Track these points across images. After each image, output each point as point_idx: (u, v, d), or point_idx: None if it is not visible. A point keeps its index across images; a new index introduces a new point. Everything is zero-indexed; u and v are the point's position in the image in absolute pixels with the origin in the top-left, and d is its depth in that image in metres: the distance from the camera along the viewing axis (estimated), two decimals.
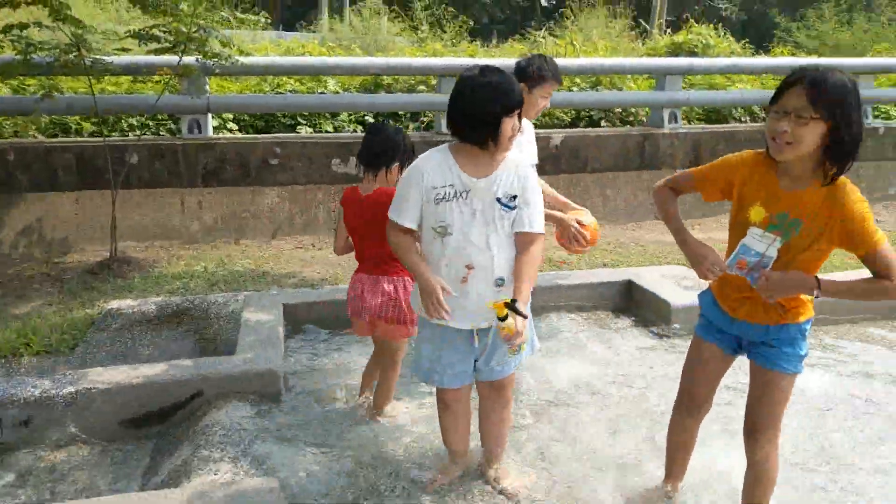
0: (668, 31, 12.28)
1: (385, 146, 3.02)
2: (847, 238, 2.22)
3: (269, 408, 3.29)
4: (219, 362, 3.41)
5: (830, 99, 2.09)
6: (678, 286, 4.61)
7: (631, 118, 8.17)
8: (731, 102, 8.02)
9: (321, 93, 7.34)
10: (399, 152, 3.03)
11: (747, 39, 11.94)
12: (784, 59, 9.49)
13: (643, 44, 11.88)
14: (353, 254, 3.31)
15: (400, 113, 7.47)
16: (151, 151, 6.28)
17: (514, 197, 2.46)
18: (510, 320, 2.33)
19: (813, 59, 9.35)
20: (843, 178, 2.22)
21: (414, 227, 2.51)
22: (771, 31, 17.70)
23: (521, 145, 3.41)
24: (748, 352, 2.48)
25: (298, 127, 7.13)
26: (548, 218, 3.08)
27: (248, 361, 3.41)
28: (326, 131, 7.15)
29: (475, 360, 2.67)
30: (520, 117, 2.44)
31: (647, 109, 7.94)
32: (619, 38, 12.78)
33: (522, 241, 2.49)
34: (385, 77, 7.63)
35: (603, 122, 8.00)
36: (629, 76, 8.36)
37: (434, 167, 2.46)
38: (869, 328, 4.47)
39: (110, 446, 3.15)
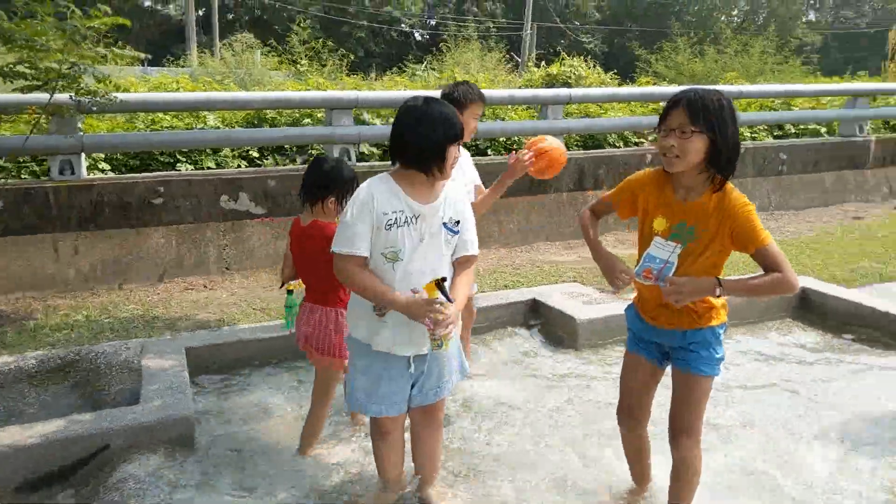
0: (542, 63, 12.89)
1: (321, 179, 3.01)
2: (737, 238, 2.41)
3: (184, 455, 3.11)
4: (125, 413, 3.18)
5: (707, 114, 2.33)
6: (579, 302, 4.79)
7: (515, 147, 8.47)
8: (609, 129, 8.52)
9: (201, 128, 7.09)
10: (336, 185, 3.00)
11: (615, 70, 12.77)
12: (656, 88, 10.20)
13: (520, 76, 12.40)
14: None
15: (287, 147, 7.35)
16: (17, 196, 5.81)
17: (458, 222, 2.54)
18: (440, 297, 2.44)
19: (676, 87, 10.11)
20: (729, 185, 2.46)
21: (368, 255, 2.46)
22: (632, 62, 19.03)
23: (463, 167, 3.59)
24: (671, 358, 2.63)
25: (178, 164, 6.84)
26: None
27: (157, 409, 3.20)
28: (208, 167, 6.91)
29: (410, 387, 2.66)
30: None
31: (530, 138, 8.26)
32: (495, 71, 13.32)
33: (463, 263, 2.61)
34: (269, 111, 7.51)
35: (489, 151, 8.24)
36: (509, 106, 8.71)
37: (383, 193, 2.45)
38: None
39: None
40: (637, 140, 8.96)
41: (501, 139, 8.32)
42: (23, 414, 3.63)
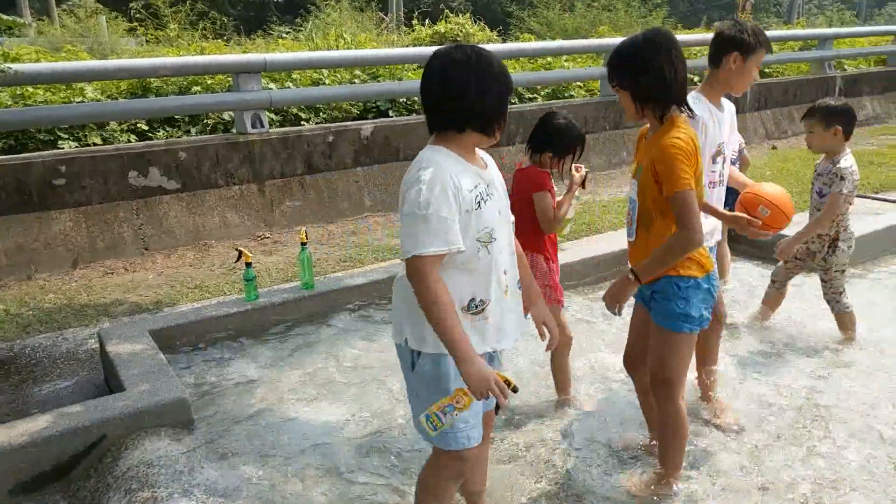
0: (427, 21, 12.87)
1: (544, 132, 3.12)
2: (659, 178, 2.35)
3: (187, 435, 3.01)
4: (115, 401, 3.02)
5: (618, 68, 2.45)
6: None
7: (417, 106, 8.49)
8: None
9: (79, 101, 6.53)
10: (557, 142, 3.08)
11: (500, 28, 12.98)
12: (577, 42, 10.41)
13: (407, 35, 12.32)
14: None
15: (177, 117, 6.97)
16: None
17: (503, 186, 2.26)
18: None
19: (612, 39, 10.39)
20: (679, 120, 2.40)
21: (464, 247, 2.02)
22: (496, 19, 19.34)
23: (726, 124, 3.06)
24: None
25: (60, 142, 6.33)
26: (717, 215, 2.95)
27: (148, 394, 3.07)
28: (94, 143, 6.44)
29: None
30: None
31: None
32: (377, 31, 13.15)
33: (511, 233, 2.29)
34: (153, 80, 7.08)
35: (391, 112, 8.22)
36: (404, 66, 8.69)
37: (455, 168, 2.04)
38: None
39: None
40: (530, 96, 9.24)
41: (402, 99, 8.31)
42: None
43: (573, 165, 3.19)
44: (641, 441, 2.99)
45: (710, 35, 11.00)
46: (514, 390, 1.98)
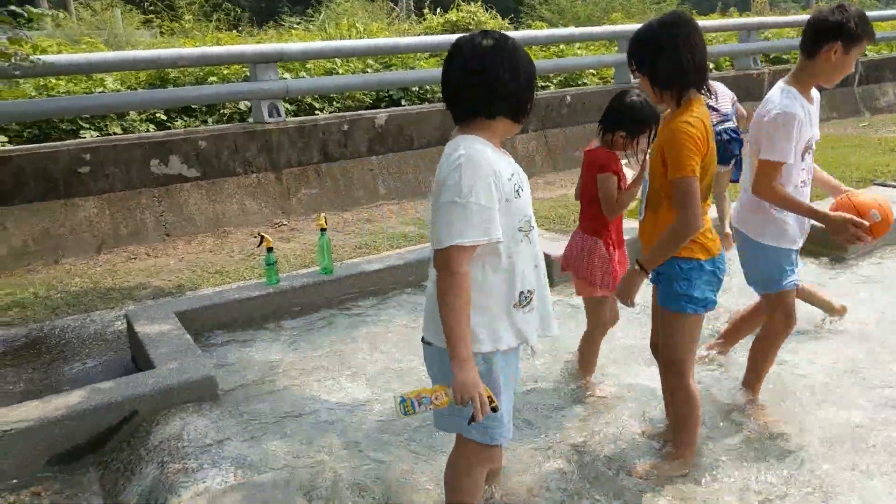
0: (438, 10, 12.93)
1: (616, 111, 3.06)
2: (666, 162, 2.39)
3: (215, 412, 3.14)
4: (146, 378, 3.16)
5: (636, 54, 2.50)
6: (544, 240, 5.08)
7: (429, 95, 8.57)
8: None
9: (100, 92, 6.67)
10: (629, 121, 3.00)
11: (512, 16, 13.01)
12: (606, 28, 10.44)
13: (419, 24, 12.37)
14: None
15: (195, 107, 7.10)
16: None
17: None
18: None
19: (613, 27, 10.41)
20: (694, 101, 2.41)
21: (503, 237, 2.00)
22: (506, 8, 19.30)
23: (815, 118, 2.91)
24: None
25: (82, 132, 6.48)
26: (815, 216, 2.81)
27: (178, 372, 3.20)
28: (115, 133, 6.58)
29: None
30: None
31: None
32: (388, 20, 13.21)
33: None
34: (171, 71, 7.21)
35: (403, 101, 8.31)
36: (416, 55, 8.76)
37: (494, 157, 2.01)
38: None
39: (44, 488, 2.80)
40: (543, 84, 9.28)
41: (414, 88, 8.38)
42: (11, 392, 3.51)
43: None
44: (661, 426, 3.04)
45: (725, 21, 10.94)
46: (494, 409, 2.00)
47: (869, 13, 8.44)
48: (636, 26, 2.74)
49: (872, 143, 8.70)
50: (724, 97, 5.01)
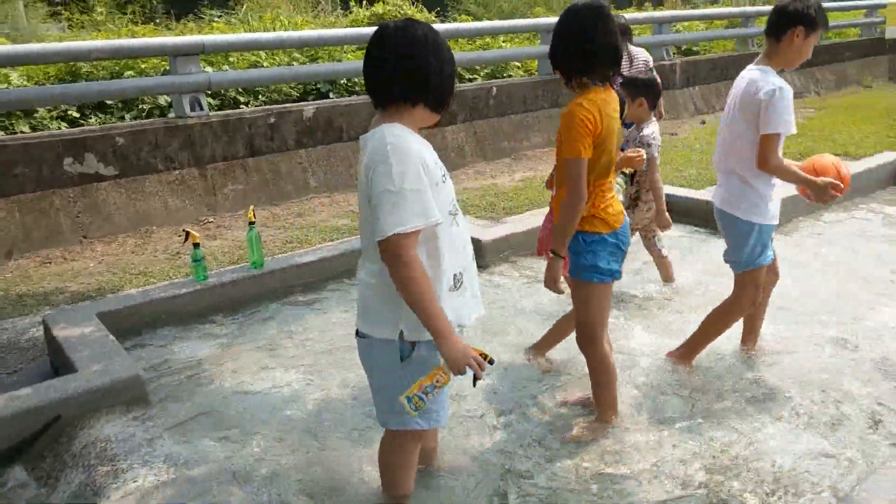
0: (364, 3, 12.79)
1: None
2: (559, 141, 2.59)
3: (144, 412, 3.03)
4: (67, 382, 3.02)
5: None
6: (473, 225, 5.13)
7: (358, 88, 8.50)
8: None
9: (4, 87, 6.32)
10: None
11: (438, 9, 13.01)
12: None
13: (345, 17, 12.22)
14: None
15: (110, 103, 6.82)
16: None
17: None
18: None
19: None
20: (592, 88, 2.53)
21: (441, 218, 2.01)
22: (439, 0, 19.30)
23: None
24: None
25: None
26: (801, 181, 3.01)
27: (102, 374, 3.07)
28: (22, 132, 6.26)
29: None
30: None
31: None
32: (315, 12, 13.01)
33: None
34: (83, 65, 6.90)
35: (331, 94, 8.21)
36: (343, 48, 8.68)
37: (418, 142, 2.04)
38: None
39: None
40: (470, 76, 9.34)
41: (342, 81, 8.29)
42: None
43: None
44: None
45: (638, 14, 11.17)
46: (491, 362, 2.03)
47: (769, 7, 8.82)
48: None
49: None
50: (639, 64, 5.43)
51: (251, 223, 4.28)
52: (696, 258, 4.87)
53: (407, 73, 2.00)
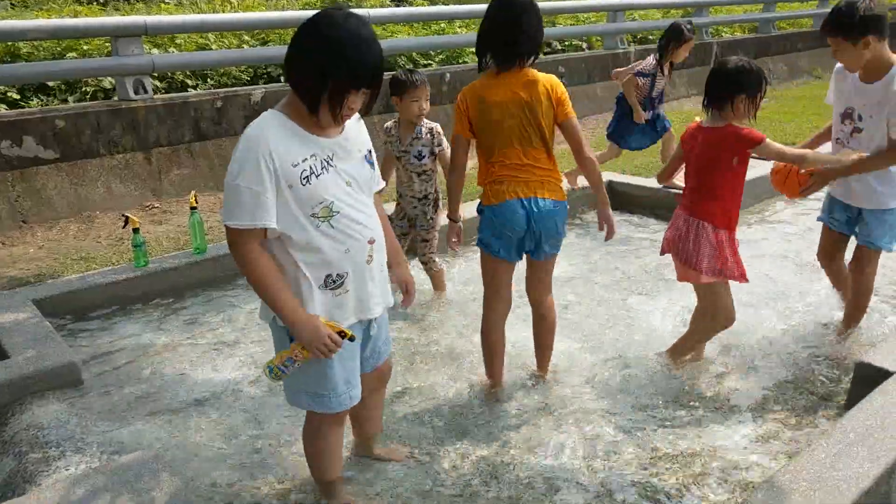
0: None
1: (727, 79, 2.83)
2: None
3: (79, 399, 2.99)
4: (1, 368, 2.95)
5: None
6: None
7: None
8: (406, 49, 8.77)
9: None
10: (745, 84, 2.80)
11: None
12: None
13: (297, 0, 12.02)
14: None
15: (51, 85, 6.61)
16: None
17: (370, 151, 2.18)
18: None
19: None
20: (488, 72, 2.82)
21: (274, 224, 1.94)
22: None
23: None
24: None
25: None
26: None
27: (35, 360, 3.02)
28: None
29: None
30: None
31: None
32: None
33: (376, 200, 2.25)
34: (22, 46, 6.67)
35: (282, 78, 8.11)
36: (294, 30, 8.55)
37: (280, 140, 1.92)
38: None
39: None
40: (425, 62, 9.31)
41: None
42: None
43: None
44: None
45: (594, 2, 11.06)
46: (351, 339, 2.05)
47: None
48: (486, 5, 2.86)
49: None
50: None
51: (193, 208, 4.23)
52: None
53: (293, 57, 1.96)
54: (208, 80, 7.53)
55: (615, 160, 6.40)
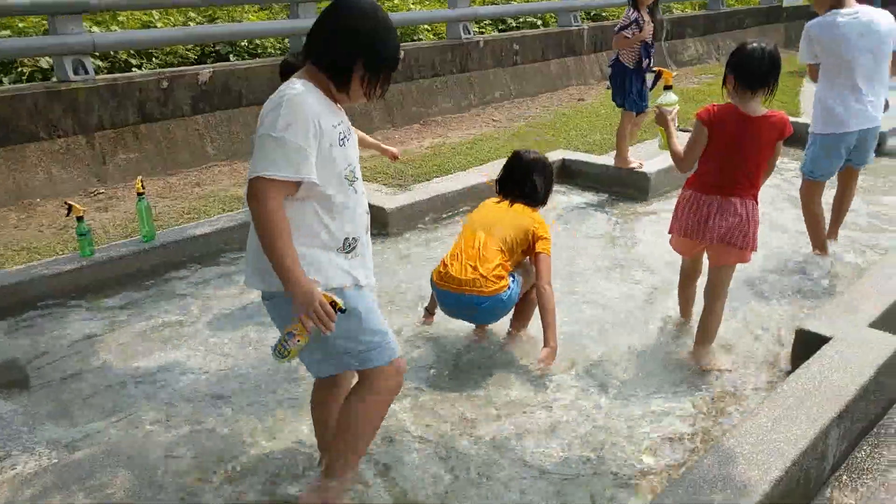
0: None
1: (767, 65, 2.95)
2: None
3: (24, 397, 2.87)
4: None
5: None
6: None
7: (258, 50, 8.17)
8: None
9: None
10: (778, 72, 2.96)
11: None
12: None
13: None
14: None
15: None
16: None
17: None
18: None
19: None
20: None
21: (317, 180, 1.99)
22: None
23: None
24: None
25: None
26: None
27: None
28: None
29: None
30: None
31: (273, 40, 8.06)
32: None
33: None
34: None
35: (231, 56, 7.87)
36: (244, 7, 8.29)
37: (321, 103, 2.03)
38: None
39: None
40: None
41: (243, 42, 7.96)
42: None
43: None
44: None
45: None
46: (342, 311, 2.03)
47: None
48: None
49: (678, 93, 9.41)
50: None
51: (140, 194, 4.07)
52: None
53: (333, 34, 2.03)
54: (153, 58, 7.27)
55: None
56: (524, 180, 3.33)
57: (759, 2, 14.99)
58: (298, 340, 2.01)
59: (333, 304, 2.00)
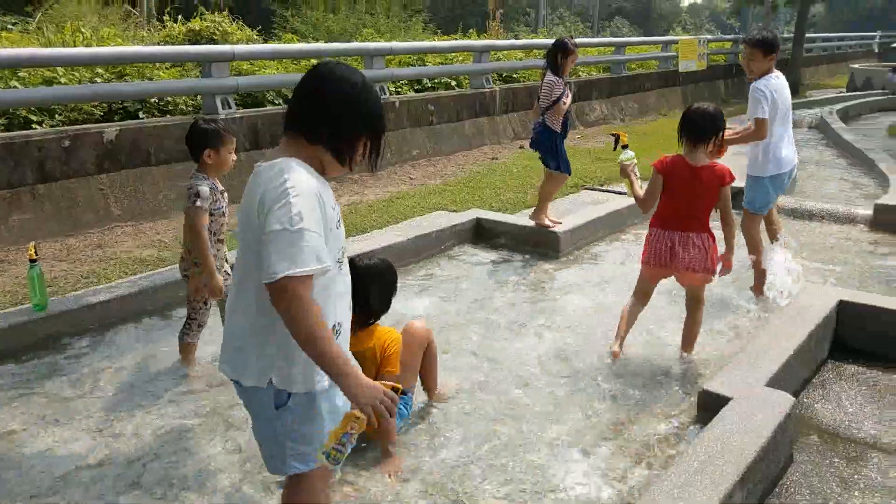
0: (181, 18, 12.13)
1: (707, 121, 3.53)
2: None
3: None
4: None
5: None
6: None
7: (170, 108, 8.00)
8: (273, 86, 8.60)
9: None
10: (720, 125, 3.55)
11: (261, 27, 12.63)
12: (321, 45, 10.31)
13: (158, 32, 11.52)
14: None
15: None
16: None
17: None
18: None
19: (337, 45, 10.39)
20: None
21: (330, 265, 1.89)
22: (263, 17, 18.85)
23: None
24: None
25: None
26: None
27: None
28: None
29: None
30: None
31: (188, 98, 7.91)
32: (123, 25, 12.14)
33: None
34: None
35: (141, 114, 7.67)
36: (154, 64, 8.14)
37: (318, 182, 1.92)
38: None
39: None
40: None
41: (153, 100, 7.79)
42: None
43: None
44: None
45: (460, 42, 11.45)
46: (404, 393, 1.97)
47: (579, 39, 9.49)
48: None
49: (583, 152, 9.80)
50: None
51: (32, 261, 3.84)
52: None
53: (324, 107, 1.96)
54: (56, 115, 6.99)
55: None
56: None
57: (658, 67, 15.95)
58: (354, 438, 1.86)
59: (394, 388, 1.89)
